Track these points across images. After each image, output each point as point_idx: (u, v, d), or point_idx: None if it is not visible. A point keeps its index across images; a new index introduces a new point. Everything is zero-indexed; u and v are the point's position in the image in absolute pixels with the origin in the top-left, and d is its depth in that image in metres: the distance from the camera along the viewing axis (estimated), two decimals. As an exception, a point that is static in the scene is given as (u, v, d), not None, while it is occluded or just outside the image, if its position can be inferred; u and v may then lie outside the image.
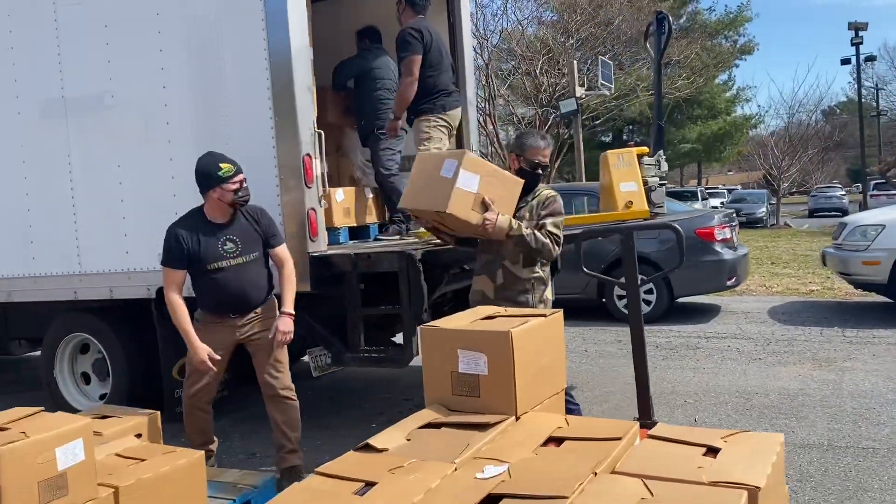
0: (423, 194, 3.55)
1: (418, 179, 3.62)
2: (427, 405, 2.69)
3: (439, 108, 4.83)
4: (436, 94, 4.84)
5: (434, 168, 3.54)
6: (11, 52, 5.09)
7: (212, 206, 3.81)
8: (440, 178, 3.46)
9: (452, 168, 3.44)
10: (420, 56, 4.72)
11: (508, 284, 3.73)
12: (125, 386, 5.18)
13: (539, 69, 21.10)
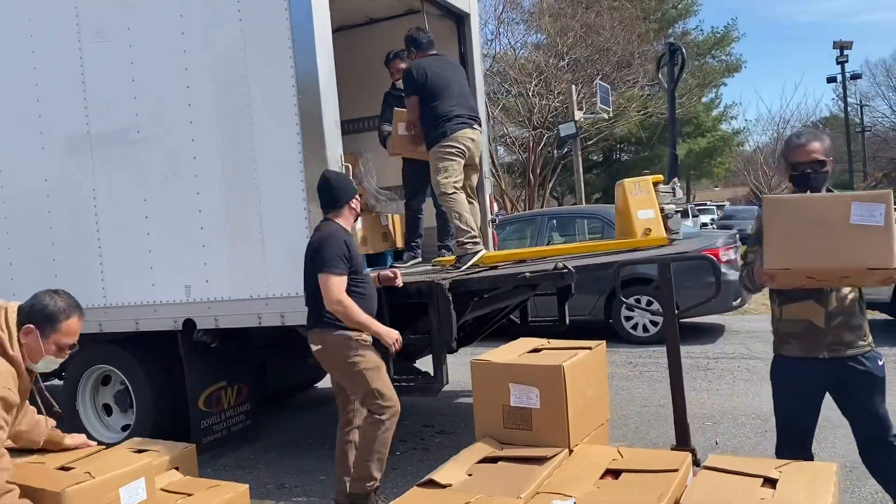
0: (823, 248, 2.71)
1: (790, 231, 2.76)
2: (478, 438, 2.76)
3: (441, 136, 4.86)
4: (439, 123, 4.88)
5: (822, 214, 2.73)
6: (36, 88, 5.15)
7: (346, 219, 3.95)
8: (849, 227, 2.68)
9: (878, 213, 2.65)
10: (415, 98, 4.90)
11: (845, 309, 3.02)
12: (150, 417, 5.20)
13: (532, 91, 21.35)
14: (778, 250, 2.74)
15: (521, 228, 9.82)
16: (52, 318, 2.68)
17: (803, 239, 2.70)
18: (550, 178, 23.92)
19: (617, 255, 4.53)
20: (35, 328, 2.64)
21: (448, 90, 4.95)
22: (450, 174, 4.83)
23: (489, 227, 6.35)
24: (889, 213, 2.62)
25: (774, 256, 2.74)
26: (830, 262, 2.72)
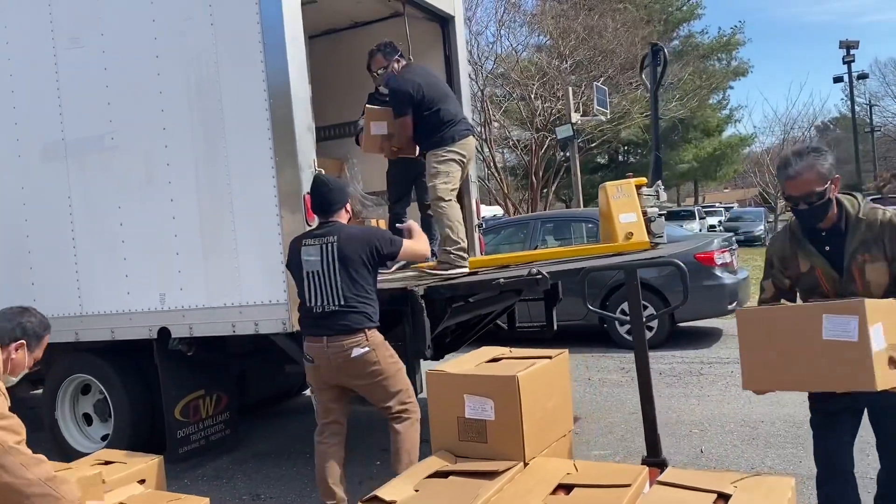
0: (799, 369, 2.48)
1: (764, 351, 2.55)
2: (434, 451, 2.68)
3: (448, 140, 4.74)
4: (446, 126, 4.74)
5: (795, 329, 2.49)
6: (12, 95, 5.12)
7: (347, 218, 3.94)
8: (824, 344, 2.40)
9: (851, 327, 2.36)
10: (408, 117, 4.75)
11: None
12: (127, 427, 5.14)
13: (534, 94, 21.27)
14: (754, 372, 2.57)
15: (515, 233, 9.74)
16: (39, 335, 2.81)
17: (777, 360, 2.50)
18: (553, 180, 23.82)
19: (592, 261, 4.45)
20: (26, 343, 2.75)
21: (446, 96, 4.86)
22: (449, 180, 4.70)
23: (476, 231, 6.28)
24: (863, 326, 2.35)
25: (751, 378, 2.58)
26: (808, 384, 2.59)
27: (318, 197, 3.84)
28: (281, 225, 4.34)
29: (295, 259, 3.77)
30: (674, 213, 25.75)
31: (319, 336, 3.68)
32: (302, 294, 3.75)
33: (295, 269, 3.79)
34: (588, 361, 7.88)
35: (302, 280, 3.72)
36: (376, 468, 4.91)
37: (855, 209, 2.71)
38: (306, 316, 3.76)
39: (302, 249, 3.72)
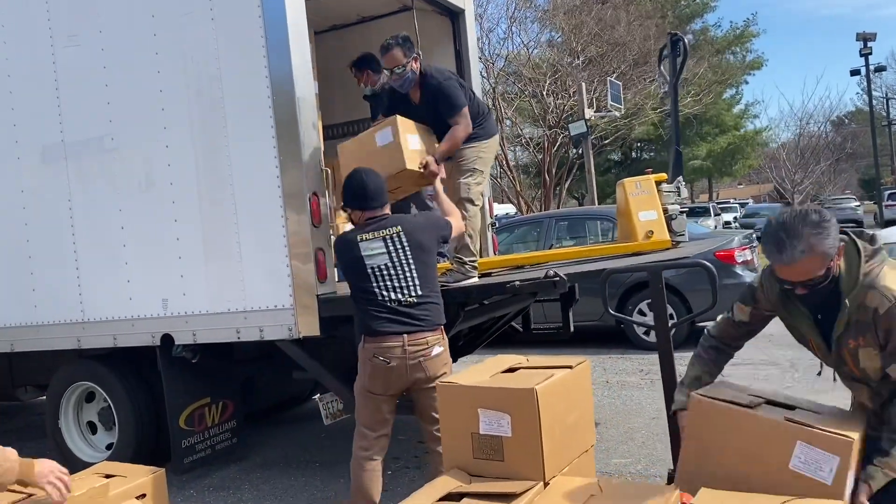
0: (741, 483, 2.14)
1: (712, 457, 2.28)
2: (446, 470, 2.49)
3: (491, 132, 4.40)
4: (479, 118, 4.36)
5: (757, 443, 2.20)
6: (11, 96, 4.98)
7: None
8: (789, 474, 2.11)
9: (827, 467, 2.08)
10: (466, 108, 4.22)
11: None
12: (132, 436, 4.99)
13: (546, 90, 21.04)
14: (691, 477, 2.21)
15: (529, 231, 9.54)
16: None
17: (723, 466, 2.17)
18: (567, 178, 23.56)
19: (612, 262, 4.24)
20: None
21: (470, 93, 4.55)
22: (481, 181, 4.36)
23: (489, 230, 6.09)
24: (843, 469, 2.00)
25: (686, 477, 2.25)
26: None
27: (362, 189, 3.51)
28: (286, 227, 4.17)
29: (351, 255, 3.44)
30: (689, 210, 25.44)
31: (398, 333, 3.34)
32: (369, 290, 3.40)
33: (352, 266, 3.45)
34: (606, 363, 7.67)
35: (366, 276, 3.40)
36: (387, 478, 4.73)
37: (850, 283, 2.25)
38: (378, 312, 3.38)
39: (360, 245, 3.42)
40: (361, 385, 3.47)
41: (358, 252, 3.43)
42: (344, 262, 3.54)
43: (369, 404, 3.46)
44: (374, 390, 3.43)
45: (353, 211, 3.58)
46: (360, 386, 3.49)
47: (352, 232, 3.54)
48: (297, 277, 4.17)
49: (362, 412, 3.49)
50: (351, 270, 3.49)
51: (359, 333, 3.48)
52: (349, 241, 3.49)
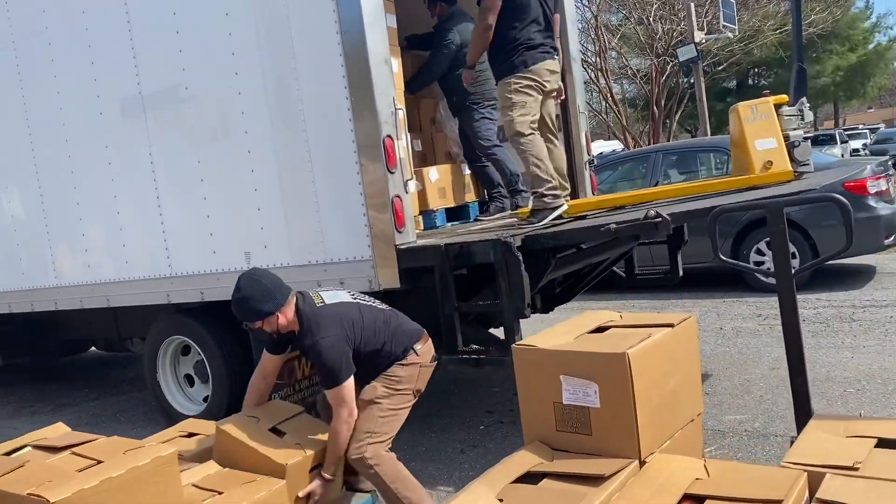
0: None
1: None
2: (526, 443, 2.20)
3: (520, 65, 4.18)
4: (515, 50, 4.19)
5: None
6: (90, 50, 4.92)
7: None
8: None
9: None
10: (499, 2, 4.12)
11: None
12: (225, 389, 4.98)
13: (652, 16, 19.71)
14: None
15: (634, 168, 8.92)
16: None
17: None
18: (677, 109, 22.21)
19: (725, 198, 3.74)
20: None
21: (530, 13, 4.25)
22: (527, 111, 4.16)
23: (586, 168, 5.64)
24: None
25: None
26: None
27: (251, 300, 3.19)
28: (361, 174, 3.92)
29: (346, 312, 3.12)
30: (812, 138, 23.52)
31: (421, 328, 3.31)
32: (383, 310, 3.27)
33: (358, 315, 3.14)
34: (719, 308, 7.10)
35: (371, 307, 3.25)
36: (479, 433, 4.52)
37: None
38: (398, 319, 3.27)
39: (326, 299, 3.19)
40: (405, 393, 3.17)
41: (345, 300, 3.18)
42: (351, 324, 3.07)
43: (408, 407, 3.22)
44: (422, 388, 3.28)
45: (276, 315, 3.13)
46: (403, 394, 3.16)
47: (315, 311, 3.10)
48: (375, 227, 3.92)
49: (395, 418, 3.14)
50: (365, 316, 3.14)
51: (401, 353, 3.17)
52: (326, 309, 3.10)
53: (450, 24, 5.19)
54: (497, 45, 4.25)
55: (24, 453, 2.73)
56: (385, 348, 3.14)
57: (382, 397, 3.10)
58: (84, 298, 5.33)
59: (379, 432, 3.04)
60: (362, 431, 3.03)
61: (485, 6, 4.16)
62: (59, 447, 2.67)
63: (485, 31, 4.19)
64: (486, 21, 4.16)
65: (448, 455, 4.26)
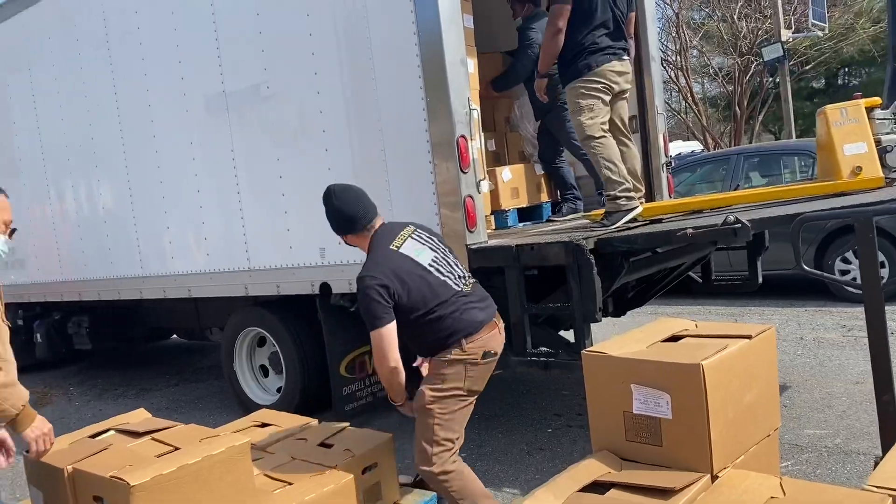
0: None
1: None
2: (594, 450, 2.17)
3: (584, 69, 4.13)
4: (580, 55, 4.15)
5: None
6: (177, 49, 5.11)
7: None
8: None
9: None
10: (568, 6, 4.07)
11: None
12: (298, 381, 5.11)
13: (737, 14, 19.09)
14: None
15: (714, 170, 8.67)
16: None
17: None
18: (760, 110, 21.47)
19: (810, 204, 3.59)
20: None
21: (596, 16, 4.19)
22: (596, 114, 4.11)
23: (663, 170, 5.51)
24: None
25: None
26: None
27: (342, 214, 3.14)
28: (434, 174, 3.94)
29: (401, 265, 2.94)
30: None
31: (489, 320, 3.00)
32: (442, 288, 2.97)
33: (409, 275, 2.93)
34: (800, 318, 6.84)
35: (428, 275, 2.96)
36: (546, 437, 4.48)
37: None
38: (464, 306, 2.97)
39: (401, 251, 2.99)
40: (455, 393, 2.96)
41: (405, 257, 2.97)
42: (399, 280, 2.90)
43: (464, 410, 3.01)
44: (478, 389, 3.03)
45: (352, 236, 3.14)
46: (453, 395, 2.96)
47: (377, 251, 3.01)
48: (447, 226, 3.95)
49: (452, 420, 2.97)
50: (412, 280, 2.92)
51: (445, 342, 2.94)
52: (387, 256, 2.97)
53: (533, 24, 5.18)
54: (563, 51, 4.21)
55: (107, 437, 2.86)
56: (429, 328, 2.93)
57: (431, 403, 2.94)
58: (167, 288, 5.55)
59: (437, 440, 2.93)
60: (421, 442, 2.96)
61: (554, 11, 4.12)
62: (140, 432, 2.79)
63: (555, 36, 4.14)
64: (555, 26, 4.12)
65: (514, 457, 4.24)
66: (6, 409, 2.32)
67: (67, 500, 2.45)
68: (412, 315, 2.92)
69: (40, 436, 2.43)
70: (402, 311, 2.90)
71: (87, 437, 2.82)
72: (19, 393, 2.36)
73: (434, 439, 2.93)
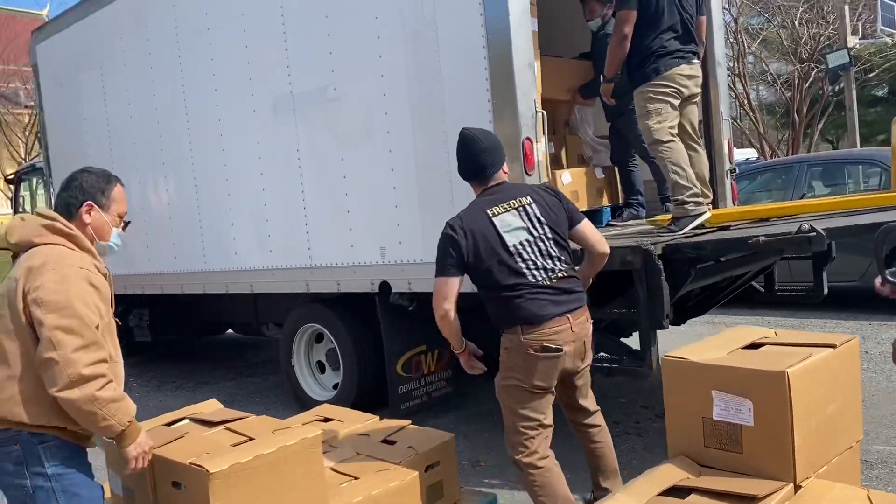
0: None
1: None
2: (670, 455, 2.15)
3: (652, 73, 4.12)
4: (647, 59, 4.13)
5: None
6: (246, 50, 5.22)
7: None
8: None
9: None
10: (634, 12, 4.08)
11: None
12: (354, 378, 5.17)
13: (798, 19, 18.67)
14: None
15: (774, 178, 8.49)
16: (101, 188, 2.44)
17: None
18: (819, 118, 20.94)
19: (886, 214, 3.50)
20: (93, 204, 2.41)
21: (663, 20, 4.17)
22: (664, 118, 4.09)
23: (727, 177, 5.43)
24: None
25: None
26: None
27: (472, 158, 3.06)
28: (499, 175, 3.94)
29: (484, 234, 2.91)
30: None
31: (561, 314, 2.88)
32: (515, 271, 2.90)
33: (487, 246, 2.90)
34: (864, 331, 6.65)
35: (505, 257, 2.90)
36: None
37: None
38: (534, 294, 2.88)
39: (494, 220, 2.93)
40: (516, 383, 2.94)
41: (493, 229, 2.92)
42: (473, 245, 2.90)
43: (533, 401, 2.94)
44: (542, 384, 2.92)
45: (474, 183, 3.11)
46: (513, 384, 2.95)
47: (473, 210, 3.00)
48: (511, 228, 3.94)
49: (523, 412, 2.95)
50: (485, 252, 2.90)
51: (505, 323, 2.94)
52: (477, 217, 2.95)
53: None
54: (631, 56, 4.21)
55: (182, 425, 2.94)
56: (490, 302, 2.97)
57: (499, 392, 3.05)
58: (230, 284, 5.67)
59: (515, 428, 2.98)
60: (505, 429, 3.04)
61: (620, 17, 4.15)
62: (214, 422, 2.85)
63: (621, 41, 4.15)
64: (621, 32, 4.14)
65: (573, 463, 4.18)
66: (112, 426, 2.21)
67: (146, 485, 2.52)
68: (479, 284, 2.99)
69: (141, 454, 2.33)
70: (472, 274, 2.96)
71: (163, 424, 2.90)
72: (126, 408, 2.25)
73: (511, 427, 2.99)
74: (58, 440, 2.22)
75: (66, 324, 2.11)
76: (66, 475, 2.22)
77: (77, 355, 2.10)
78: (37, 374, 2.15)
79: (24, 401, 2.16)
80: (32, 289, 2.15)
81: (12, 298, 2.19)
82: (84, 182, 2.41)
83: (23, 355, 2.17)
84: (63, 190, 2.42)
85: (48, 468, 2.19)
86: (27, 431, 2.18)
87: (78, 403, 2.11)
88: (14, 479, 2.20)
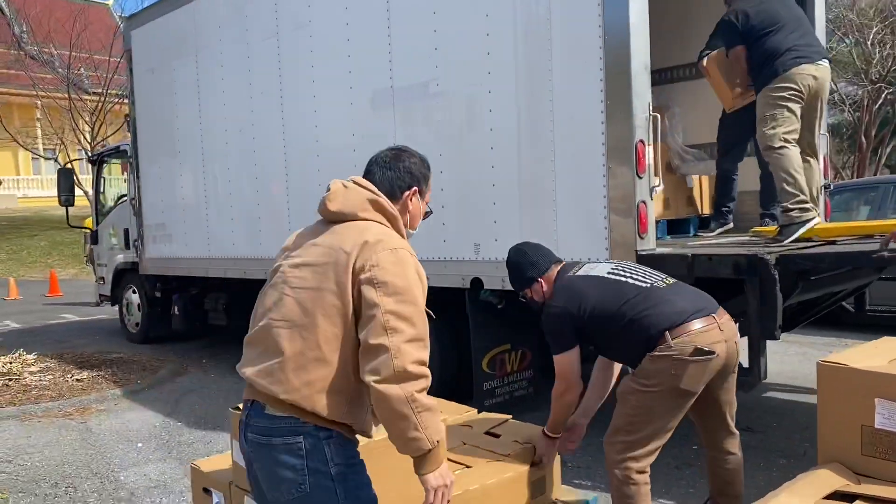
0: None
1: None
2: (820, 461, 2.13)
3: (771, 76, 4.08)
4: (764, 63, 4.11)
5: None
6: (347, 44, 5.30)
7: None
8: None
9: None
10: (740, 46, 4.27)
11: None
12: (435, 372, 5.15)
13: (871, 39, 18.22)
14: None
15: (855, 198, 8.30)
16: (425, 175, 2.26)
17: None
18: (889, 141, 20.40)
19: None
20: (417, 189, 2.21)
21: (778, 22, 4.13)
22: (779, 123, 4.04)
23: (821, 193, 5.33)
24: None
25: None
26: None
27: (523, 263, 3.13)
28: (607, 177, 3.95)
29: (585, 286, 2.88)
30: None
31: (705, 315, 2.71)
32: (630, 288, 2.81)
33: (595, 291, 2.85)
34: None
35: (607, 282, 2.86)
36: (692, 452, 4.40)
37: None
38: (661, 298, 2.76)
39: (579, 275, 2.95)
40: (655, 386, 2.72)
41: (582, 277, 2.92)
42: (579, 297, 2.84)
43: (670, 410, 2.75)
44: (687, 388, 2.68)
45: (538, 282, 3.04)
46: (651, 388, 2.73)
47: (558, 281, 2.96)
48: (615, 231, 3.94)
49: (649, 416, 2.76)
50: (591, 291, 2.85)
51: (646, 343, 2.72)
52: (568, 280, 2.93)
53: None
54: (751, 61, 4.21)
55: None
56: (626, 334, 2.77)
57: (630, 392, 2.80)
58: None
59: (629, 431, 2.81)
60: (613, 429, 2.87)
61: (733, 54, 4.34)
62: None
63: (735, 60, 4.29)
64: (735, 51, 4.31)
65: (662, 470, 4.17)
66: (420, 441, 1.85)
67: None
68: (606, 326, 2.81)
69: (442, 486, 1.93)
70: (596, 325, 2.81)
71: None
72: (438, 425, 1.91)
73: (624, 428, 2.81)
74: (340, 437, 1.95)
75: (403, 310, 1.87)
76: (349, 476, 1.95)
77: (408, 347, 1.84)
78: (346, 360, 1.90)
79: (329, 390, 1.89)
80: (369, 266, 1.90)
81: (340, 273, 1.92)
82: (413, 166, 2.20)
83: (337, 338, 1.90)
84: (386, 168, 2.19)
85: (332, 467, 1.91)
86: (313, 424, 1.91)
87: (393, 401, 1.81)
88: (287, 472, 1.90)
